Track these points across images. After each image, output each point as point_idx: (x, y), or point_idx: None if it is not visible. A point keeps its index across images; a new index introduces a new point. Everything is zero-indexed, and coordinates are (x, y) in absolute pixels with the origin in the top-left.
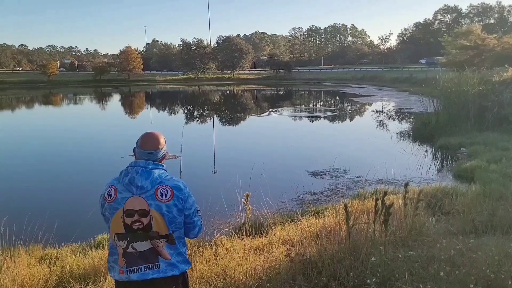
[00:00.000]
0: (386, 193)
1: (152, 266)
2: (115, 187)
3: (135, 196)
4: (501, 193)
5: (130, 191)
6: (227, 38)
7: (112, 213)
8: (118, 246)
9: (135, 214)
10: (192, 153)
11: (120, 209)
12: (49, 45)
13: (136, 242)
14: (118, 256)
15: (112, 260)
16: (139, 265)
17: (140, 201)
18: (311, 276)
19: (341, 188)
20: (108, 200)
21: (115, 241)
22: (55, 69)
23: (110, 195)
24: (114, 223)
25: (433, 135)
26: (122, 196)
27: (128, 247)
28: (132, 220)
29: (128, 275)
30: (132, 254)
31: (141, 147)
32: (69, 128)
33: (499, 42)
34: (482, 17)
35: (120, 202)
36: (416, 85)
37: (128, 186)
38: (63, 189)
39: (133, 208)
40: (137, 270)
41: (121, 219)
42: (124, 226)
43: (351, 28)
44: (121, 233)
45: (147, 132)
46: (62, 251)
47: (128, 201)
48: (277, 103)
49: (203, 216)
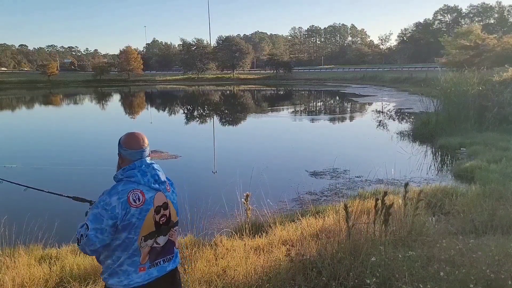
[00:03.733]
0: (386, 193)
1: (169, 258)
2: (139, 190)
3: (158, 192)
4: (501, 193)
5: (154, 188)
6: (227, 38)
7: (143, 215)
8: (143, 247)
9: (161, 209)
10: (192, 153)
11: (151, 208)
12: (49, 45)
13: (159, 236)
14: (141, 256)
15: (128, 263)
16: (159, 259)
17: (161, 196)
18: (311, 276)
19: (341, 188)
20: (136, 205)
21: (141, 243)
22: (55, 69)
23: (138, 199)
24: (146, 225)
25: (433, 135)
26: (149, 196)
27: (153, 243)
28: (160, 215)
29: (150, 270)
30: (156, 249)
31: (133, 147)
32: (69, 128)
33: (499, 42)
34: (482, 17)
35: (149, 202)
36: (416, 85)
37: (153, 184)
38: (63, 189)
39: (159, 204)
40: (157, 264)
41: (152, 218)
42: (155, 224)
43: (351, 28)
44: (150, 233)
45: (129, 133)
46: (62, 251)
47: (156, 198)
48: (277, 103)
49: (203, 216)
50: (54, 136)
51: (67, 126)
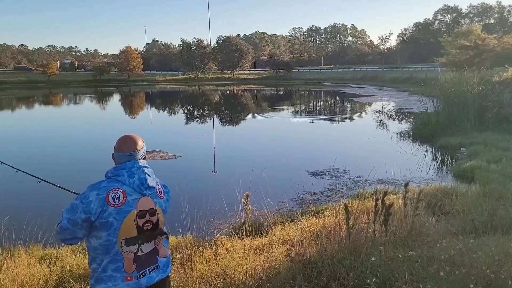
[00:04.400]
0: (386, 193)
1: (154, 268)
2: (121, 190)
3: (145, 197)
4: (501, 193)
5: (140, 192)
6: (227, 38)
7: (123, 217)
8: (126, 252)
9: (146, 214)
10: (192, 153)
11: (133, 211)
12: (49, 45)
13: (144, 243)
14: (124, 263)
15: (111, 269)
16: (146, 268)
17: (148, 201)
18: (311, 276)
19: (341, 188)
20: (115, 204)
21: (122, 247)
22: (55, 69)
23: (117, 198)
24: (125, 227)
25: (433, 135)
26: (132, 198)
27: (138, 250)
28: (144, 221)
29: (138, 281)
30: (141, 257)
31: (122, 150)
32: (69, 128)
33: (499, 42)
34: (482, 17)
35: (131, 205)
36: (416, 85)
37: (138, 187)
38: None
39: (144, 208)
40: (144, 274)
41: (134, 222)
42: (137, 228)
43: (351, 28)
44: (131, 237)
45: (124, 135)
46: (62, 251)
47: (140, 202)
48: (277, 103)
49: (203, 216)
50: (53, 136)
51: (66, 126)
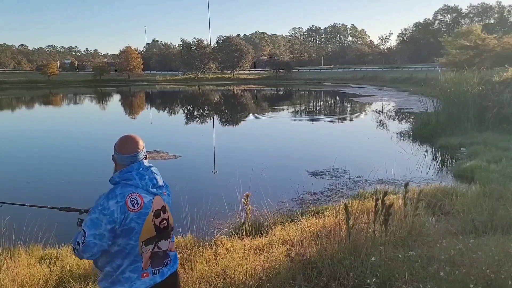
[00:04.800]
0: (386, 193)
1: (167, 262)
2: (137, 193)
3: (157, 196)
4: (501, 193)
5: (152, 192)
6: (227, 38)
7: (143, 220)
8: (144, 252)
9: (161, 213)
10: (192, 153)
11: (150, 212)
12: (49, 45)
13: (161, 240)
14: (142, 262)
15: (130, 270)
16: (160, 264)
17: (159, 199)
18: (311, 276)
19: (341, 188)
20: (134, 209)
21: (142, 248)
22: (55, 69)
23: (136, 203)
24: (145, 229)
25: (433, 135)
26: (147, 200)
27: (155, 247)
28: (160, 219)
29: (153, 276)
30: (157, 254)
31: (124, 152)
32: (70, 129)
33: (499, 42)
34: (482, 17)
35: (147, 206)
36: (416, 85)
37: (152, 188)
38: (64, 189)
39: (158, 207)
40: (159, 270)
41: (152, 223)
42: (155, 228)
43: (351, 28)
44: (150, 237)
45: (123, 136)
46: (62, 251)
47: (154, 202)
48: (277, 103)
49: (203, 216)
50: (53, 137)
51: (66, 126)
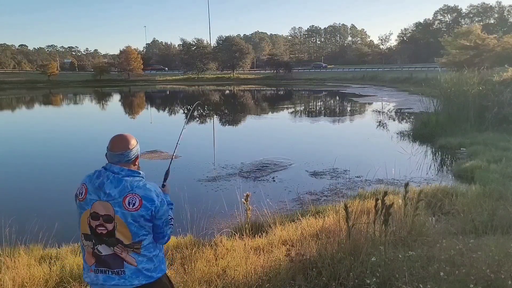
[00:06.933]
0: (386, 193)
1: (117, 272)
2: (86, 186)
3: (100, 201)
4: (501, 193)
5: (97, 195)
6: (227, 38)
7: (81, 212)
8: (85, 246)
9: (100, 218)
10: (192, 153)
11: (88, 210)
12: (49, 45)
13: (99, 245)
14: (86, 254)
15: (84, 259)
16: (105, 268)
17: (106, 206)
18: (311, 276)
19: (341, 188)
20: (78, 198)
21: (83, 240)
22: (55, 69)
23: (81, 193)
24: (82, 222)
25: (433, 135)
26: (91, 198)
27: (94, 249)
28: (97, 223)
29: (97, 275)
30: (100, 257)
31: (111, 149)
32: (70, 129)
33: (499, 42)
34: (482, 17)
35: (88, 203)
36: (416, 85)
37: (97, 189)
38: (64, 189)
39: (99, 212)
40: (104, 272)
41: (86, 220)
42: (89, 227)
43: (351, 28)
44: (87, 234)
45: (116, 134)
46: (62, 251)
47: (95, 204)
48: (277, 103)
49: (203, 216)
50: (53, 136)
51: (66, 126)
